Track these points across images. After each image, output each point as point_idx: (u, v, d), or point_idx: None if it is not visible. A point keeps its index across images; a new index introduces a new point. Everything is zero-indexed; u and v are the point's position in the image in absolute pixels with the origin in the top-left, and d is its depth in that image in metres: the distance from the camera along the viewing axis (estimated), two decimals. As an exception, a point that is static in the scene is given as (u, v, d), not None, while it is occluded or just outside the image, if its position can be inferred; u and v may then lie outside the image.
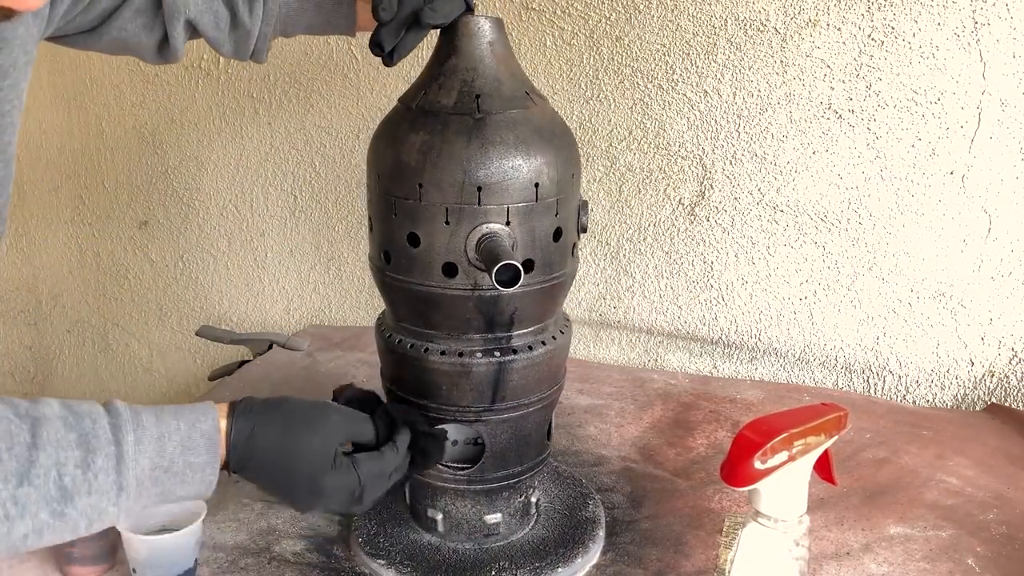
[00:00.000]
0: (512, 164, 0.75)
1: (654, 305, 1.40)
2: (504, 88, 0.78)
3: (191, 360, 1.79)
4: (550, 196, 0.77)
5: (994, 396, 1.25)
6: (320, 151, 1.53)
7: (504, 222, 0.75)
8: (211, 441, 0.65)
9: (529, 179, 0.76)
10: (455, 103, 0.76)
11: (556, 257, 0.80)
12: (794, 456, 0.72)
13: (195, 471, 0.64)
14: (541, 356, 0.82)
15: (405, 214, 0.77)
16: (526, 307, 0.80)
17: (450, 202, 0.74)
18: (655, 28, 1.26)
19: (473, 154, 0.74)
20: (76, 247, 1.80)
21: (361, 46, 1.44)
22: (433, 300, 0.78)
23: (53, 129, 1.72)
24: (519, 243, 0.76)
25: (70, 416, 0.60)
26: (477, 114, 0.75)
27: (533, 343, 0.82)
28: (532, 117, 0.78)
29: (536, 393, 0.84)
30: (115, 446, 0.61)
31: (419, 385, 0.83)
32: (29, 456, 0.57)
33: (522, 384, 0.82)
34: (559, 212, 0.79)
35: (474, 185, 0.74)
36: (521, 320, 0.80)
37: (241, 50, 0.87)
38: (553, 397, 0.87)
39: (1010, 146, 1.15)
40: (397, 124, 0.79)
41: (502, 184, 0.75)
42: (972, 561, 0.88)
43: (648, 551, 0.91)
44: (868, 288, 1.27)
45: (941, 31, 1.14)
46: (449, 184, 0.74)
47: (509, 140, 0.75)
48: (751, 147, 1.26)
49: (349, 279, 1.60)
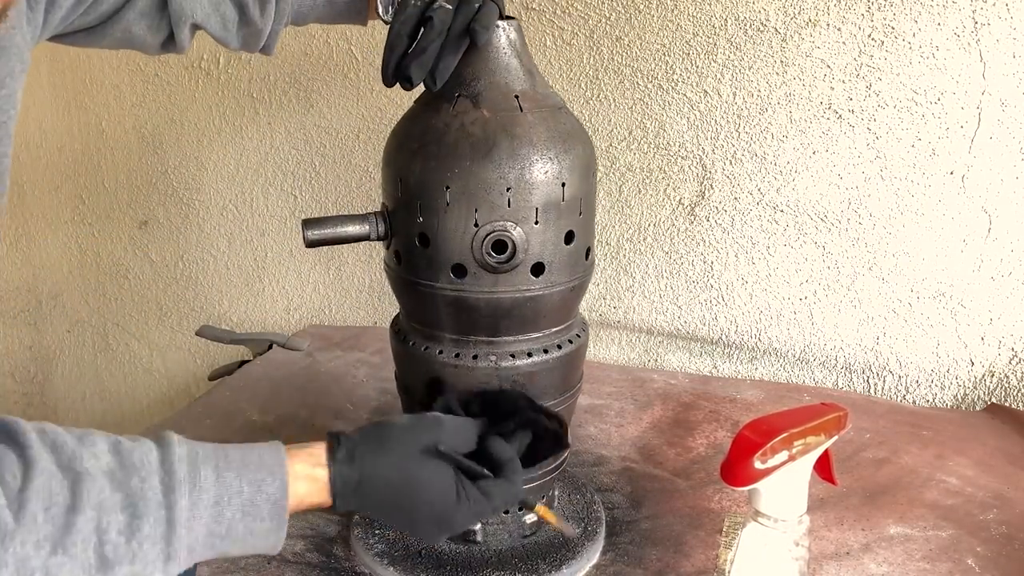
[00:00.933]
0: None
1: (654, 305, 1.40)
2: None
3: (191, 360, 1.79)
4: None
5: (994, 396, 1.25)
6: (320, 151, 1.53)
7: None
8: (278, 507, 0.58)
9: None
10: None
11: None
12: (794, 456, 0.72)
13: (257, 537, 0.58)
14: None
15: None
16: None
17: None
18: (655, 28, 1.26)
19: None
20: (76, 247, 1.80)
21: (361, 46, 1.44)
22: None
23: (53, 129, 1.72)
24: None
25: (118, 471, 0.54)
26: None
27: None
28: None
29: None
30: (166, 510, 0.54)
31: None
32: (66, 520, 0.51)
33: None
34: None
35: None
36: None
37: (250, 45, 0.86)
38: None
39: (1010, 146, 1.15)
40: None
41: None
42: (972, 561, 0.88)
43: (648, 551, 0.91)
44: (868, 288, 1.27)
45: (941, 31, 1.14)
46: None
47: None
48: (751, 147, 1.26)
49: (349, 279, 1.60)
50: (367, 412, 1.22)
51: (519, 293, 0.77)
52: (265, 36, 0.85)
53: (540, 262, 0.77)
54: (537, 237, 0.76)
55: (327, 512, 0.96)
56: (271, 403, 1.24)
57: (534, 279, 0.77)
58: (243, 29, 0.84)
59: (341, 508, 0.62)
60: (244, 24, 0.83)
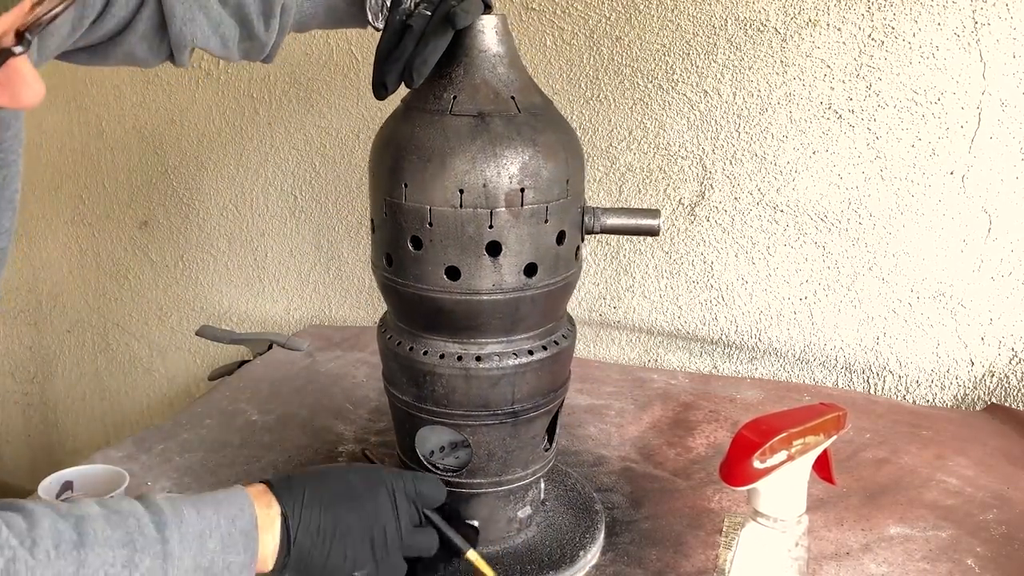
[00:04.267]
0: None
1: (654, 305, 1.40)
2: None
3: (191, 360, 1.79)
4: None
5: (994, 396, 1.25)
6: (320, 151, 1.53)
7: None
8: (249, 539, 0.62)
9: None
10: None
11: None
12: (793, 456, 0.72)
13: (232, 571, 0.62)
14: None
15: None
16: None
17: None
18: (655, 28, 1.26)
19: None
20: (76, 247, 1.80)
21: (361, 46, 1.44)
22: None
23: (53, 129, 1.72)
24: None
25: (112, 515, 0.58)
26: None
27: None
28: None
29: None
30: (161, 545, 0.58)
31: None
32: (78, 556, 0.55)
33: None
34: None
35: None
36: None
37: (252, 56, 0.86)
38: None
39: (1010, 146, 1.15)
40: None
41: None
42: (972, 561, 0.88)
43: (648, 551, 0.91)
44: (868, 288, 1.27)
45: (941, 31, 1.14)
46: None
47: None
48: (751, 147, 1.26)
49: (349, 279, 1.60)
50: (367, 412, 1.22)
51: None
52: (268, 48, 0.85)
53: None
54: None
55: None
56: (271, 403, 1.24)
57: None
58: (244, 43, 0.84)
59: None
60: (246, 39, 0.83)
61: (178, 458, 1.08)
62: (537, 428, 0.85)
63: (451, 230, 0.75)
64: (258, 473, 1.05)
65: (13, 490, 2.00)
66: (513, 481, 0.86)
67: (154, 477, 1.04)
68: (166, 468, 1.06)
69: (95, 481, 0.88)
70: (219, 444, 1.12)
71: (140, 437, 1.13)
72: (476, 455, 0.83)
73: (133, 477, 0.92)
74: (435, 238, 0.76)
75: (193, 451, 1.10)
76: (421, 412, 0.83)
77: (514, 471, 0.85)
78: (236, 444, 1.12)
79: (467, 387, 0.80)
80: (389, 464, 0.98)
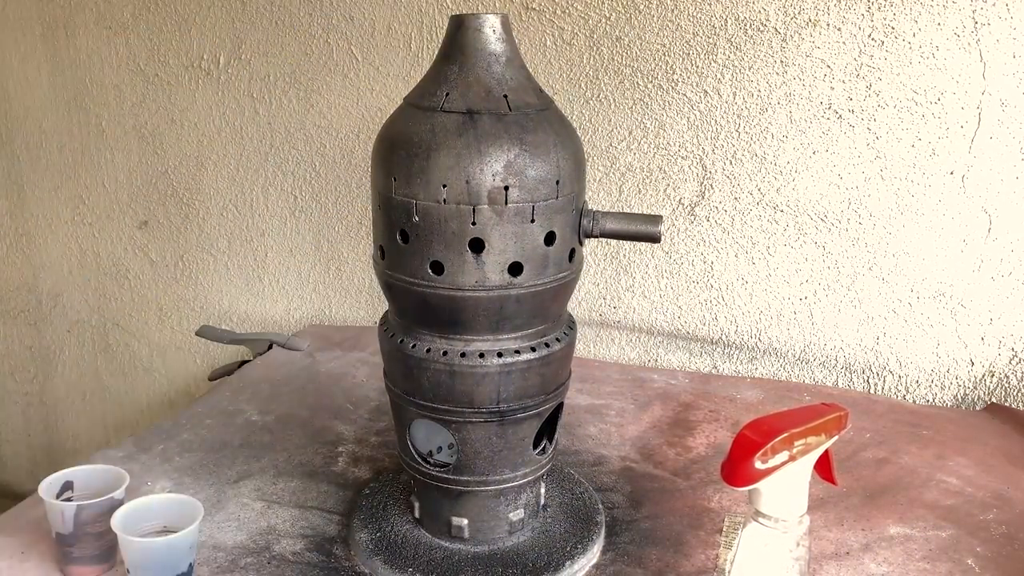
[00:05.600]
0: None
1: (654, 305, 1.40)
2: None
3: (191, 360, 1.79)
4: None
5: (994, 396, 1.25)
6: (320, 151, 1.53)
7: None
8: None
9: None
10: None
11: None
12: (794, 456, 0.72)
13: None
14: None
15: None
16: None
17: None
18: (655, 28, 1.26)
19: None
20: (76, 247, 1.80)
21: (361, 46, 1.44)
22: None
23: (53, 129, 1.72)
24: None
25: None
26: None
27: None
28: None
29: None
30: None
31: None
32: None
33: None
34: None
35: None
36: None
37: None
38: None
39: (1010, 146, 1.15)
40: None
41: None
42: (972, 561, 0.88)
43: (648, 551, 0.91)
44: (868, 288, 1.27)
45: (941, 31, 1.14)
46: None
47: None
48: (751, 147, 1.26)
49: (349, 279, 1.60)
50: (367, 412, 1.22)
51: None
52: None
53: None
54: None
55: (327, 511, 0.97)
56: (271, 403, 1.24)
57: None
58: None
59: None
60: None
61: (178, 458, 1.08)
62: (526, 430, 0.84)
63: (435, 225, 0.75)
64: (258, 473, 1.05)
65: (13, 490, 2.00)
66: (501, 482, 0.85)
67: (154, 477, 1.04)
68: (166, 468, 1.06)
69: (95, 481, 0.88)
70: (219, 444, 1.12)
71: (140, 437, 1.13)
72: (463, 452, 0.83)
73: (133, 477, 0.92)
74: (421, 232, 0.76)
75: (193, 451, 1.10)
76: (411, 405, 0.83)
77: (501, 472, 0.85)
78: (236, 444, 1.12)
79: (451, 382, 0.80)
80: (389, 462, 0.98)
